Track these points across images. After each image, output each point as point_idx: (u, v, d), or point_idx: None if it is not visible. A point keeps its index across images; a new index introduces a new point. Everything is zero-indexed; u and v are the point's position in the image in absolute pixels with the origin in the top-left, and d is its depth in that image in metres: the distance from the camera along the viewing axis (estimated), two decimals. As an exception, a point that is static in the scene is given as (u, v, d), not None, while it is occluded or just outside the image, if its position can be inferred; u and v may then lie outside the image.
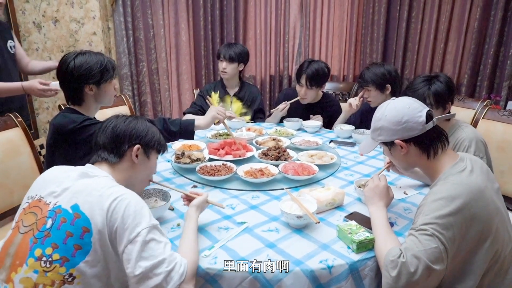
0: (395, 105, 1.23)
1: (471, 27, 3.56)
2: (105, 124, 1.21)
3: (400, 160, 1.29)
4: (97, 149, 1.20)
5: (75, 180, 1.06)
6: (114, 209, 0.98)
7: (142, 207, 1.02)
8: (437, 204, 1.09)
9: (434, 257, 1.03)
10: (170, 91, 3.79)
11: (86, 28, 3.21)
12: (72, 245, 0.96)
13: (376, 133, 1.28)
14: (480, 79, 3.65)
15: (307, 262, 1.12)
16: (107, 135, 1.18)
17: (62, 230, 0.97)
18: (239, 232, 1.28)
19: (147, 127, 1.24)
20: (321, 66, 2.52)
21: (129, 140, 1.18)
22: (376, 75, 2.30)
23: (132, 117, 1.24)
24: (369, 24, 3.85)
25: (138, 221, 0.98)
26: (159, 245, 0.99)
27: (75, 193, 1.02)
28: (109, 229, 0.97)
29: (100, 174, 1.11)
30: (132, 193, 1.05)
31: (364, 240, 1.17)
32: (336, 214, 1.41)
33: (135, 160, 1.19)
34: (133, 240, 0.96)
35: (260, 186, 1.63)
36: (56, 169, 1.16)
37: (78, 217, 0.98)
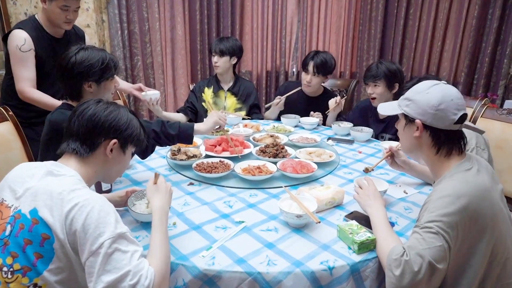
0: (442, 89, 1.15)
1: (468, 25, 3.54)
2: (82, 109, 1.08)
3: (408, 140, 1.24)
4: (68, 136, 1.09)
5: (38, 179, 0.98)
6: (74, 217, 0.89)
7: (106, 213, 0.91)
8: (443, 202, 1.07)
9: (439, 256, 1.01)
10: (165, 86, 3.73)
11: (79, 20, 3.11)
12: (32, 254, 0.88)
13: (405, 102, 1.21)
14: (477, 78, 3.65)
15: (308, 263, 1.09)
16: (82, 123, 1.06)
17: (20, 237, 0.89)
18: (237, 231, 1.25)
19: (129, 119, 1.12)
20: (329, 56, 2.56)
21: (106, 132, 1.08)
22: (389, 70, 2.23)
23: (114, 106, 1.12)
24: (367, 21, 3.81)
25: (101, 230, 0.88)
26: (124, 256, 0.89)
27: (36, 195, 0.94)
28: (69, 238, 0.89)
29: (67, 173, 1.01)
30: (98, 197, 0.95)
31: (365, 241, 1.14)
32: (336, 213, 1.38)
33: (109, 155, 1.09)
34: (95, 252, 0.87)
35: (258, 184, 1.59)
36: (22, 167, 1.07)
37: (37, 223, 0.89)
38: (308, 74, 2.55)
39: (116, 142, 1.09)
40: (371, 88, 2.29)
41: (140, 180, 1.64)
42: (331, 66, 2.56)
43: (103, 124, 1.07)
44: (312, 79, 2.54)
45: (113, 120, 1.08)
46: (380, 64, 2.25)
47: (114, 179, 1.24)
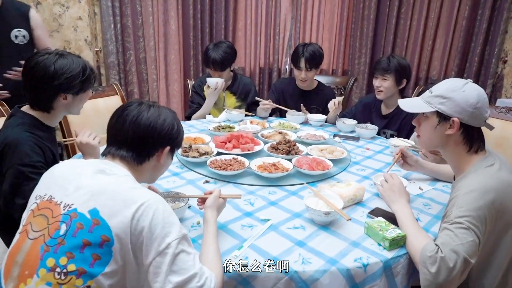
0: (475, 87, 1.16)
1: (459, 25, 3.64)
2: (133, 115, 1.02)
3: (436, 137, 1.22)
4: (117, 142, 1.03)
5: (90, 177, 0.94)
6: (140, 217, 0.86)
7: (170, 213, 0.91)
8: (471, 196, 1.08)
9: (471, 251, 1.03)
10: (158, 82, 3.65)
11: (71, 12, 3.02)
12: (91, 255, 0.84)
13: (438, 99, 1.18)
14: (466, 77, 3.75)
15: (342, 261, 1.08)
16: (137, 132, 1.02)
17: (78, 237, 0.85)
18: (265, 230, 1.23)
19: (177, 124, 1.10)
20: (316, 47, 2.56)
21: (162, 142, 1.06)
22: (401, 65, 2.22)
23: (161, 110, 1.07)
24: (359, 19, 3.85)
25: (168, 230, 0.87)
26: (189, 257, 0.89)
27: (93, 195, 0.89)
28: (133, 238, 0.86)
29: (119, 172, 0.98)
30: (158, 197, 0.93)
31: (396, 237, 1.14)
32: (358, 210, 1.38)
33: (162, 161, 1.08)
34: (163, 252, 0.86)
35: (275, 181, 1.58)
36: (66, 164, 1.03)
37: (98, 223, 0.85)
38: (301, 71, 2.53)
39: (168, 149, 1.08)
40: (379, 81, 2.26)
41: (152, 178, 1.59)
42: (320, 57, 2.56)
43: (160, 134, 1.04)
44: (307, 74, 2.54)
45: (169, 129, 1.06)
46: (392, 58, 2.24)
47: (155, 181, 1.22)
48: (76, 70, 1.36)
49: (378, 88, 2.28)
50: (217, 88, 2.45)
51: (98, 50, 3.28)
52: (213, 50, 2.52)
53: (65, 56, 1.37)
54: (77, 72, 1.36)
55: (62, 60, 1.35)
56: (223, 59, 2.51)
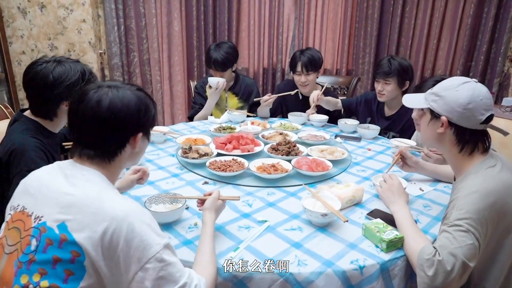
0: (472, 87, 1.13)
1: (464, 24, 3.59)
2: (91, 106, 0.89)
3: (430, 135, 1.22)
4: (81, 140, 0.93)
5: (60, 185, 0.88)
6: (113, 233, 0.80)
7: (148, 224, 0.84)
8: (471, 198, 1.06)
9: (470, 254, 1.01)
10: (161, 83, 3.67)
11: (75, 14, 3.05)
12: (63, 271, 0.81)
13: (433, 97, 1.18)
14: (472, 76, 3.70)
15: (338, 263, 1.08)
16: (97, 127, 0.90)
17: (48, 253, 0.81)
18: (262, 231, 1.23)
19: (144, 103, 0.96)
20: (314, 51, 2.54)
21: (130, 130, 0.94)
22: (402, 67, 2.16)
23: (123, 91, 0.93)
24: (363, 18, 3.83)
25: (147, 243, 0.82)
26: (176, 267, 0.85)
27: (62, 207, 0.84)
28: (107, 254, 0.81)
29: (92, 178, 0.90)
30: (134, 207, 0.86)
31: (394, 239, 1.13)
32: (357, 212, 1.37)
33: (137, 149, 0.98)
34: (143, 267, 0.81)
35: (274, 182, 1.57)
36: (38, 171, 0.98)
37: (66, 239, 0.81)
38: (300, 75, 2.51)
39: (141, 135, 0.98)
40: (381, 85, 2.20)
41: (153, 179, 1.59)
42: (319, 60, 2.52)
43: (126, 123, 0.93)
44: (306, 78, 2.51)
45: (135, 114, 0.93)
46: (393, 60, 2.17)
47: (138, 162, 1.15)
48: (75, 76, 1.34)
49: (380, 92, 2.23)
50: (218, 87, 2.46)
51: (102, 52, 3.31)
52: (214, 50, 2.53)
53: (63, 63, 1.34)
54: (76, 78, 1.34)
55: (60, 67, 1.33)
56: (225, 59, 2.51)
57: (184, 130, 2.31)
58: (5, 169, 1.33)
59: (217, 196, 1.21)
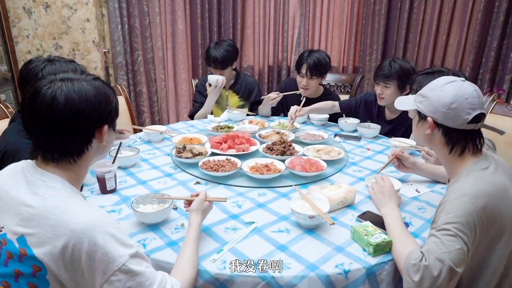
0: (457, 86, 1.10)
1: (474, 19, 3.49)
2: (45, 103, 0.82)
3: (420, 136, 1.21)
4: (39, 139, 0.88)
5: (22, 193, 0.84)
6: (74, 246, 0.77)
7: (111, 235, 0.80)
8: (460, 202, 1.03)
9: (458, 259, 0.98)
10: (166, 81, 3.68)
11: (79, 14, 3.07)
12: (26, 284, 0.79)
13: (419, 98, 1.17)
14: (482, 72, 3.60)
15: (322, 267, 1.05)
16: (54, 124, 0.83)
17: (10, 267, 0.80)
18: (248, 233, 1.21)
19: (103, 92, 0.90)
20: (322, 55, 2.44)
21: (93, 125, 0.89)
22: (403, 70, 2.05)
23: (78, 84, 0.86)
24: (370, 14, 3.76)
25: (111, 256, 0.78)
26: (145, 276, 0.82)
27: (22, 220, 0.80)
28: (69, 267, 0.79)
29: (52, 185, 0.85)
30: (96, 217, 0.81)
31: (381, 243, 1.10)
32: (348, 214, 1.34)
33: (104, 142, 0.93)
34: (108, 280, 0.78)
35: (267, 182, 1.55)
36: (3, 172, 0.94)
37: (25, 254, 0.78)
38: (303, 78, 2.45)
39: (107, 128, 0.92)
40: (380, 88, 2.12)
41: (145, 178, 1.59)
42: (326, 66, 2.44)
43: (89, 118, 0.87)
44: (309, 82, 2.45)
45: (95, 107, 0.87)
46: (394, 62, 2.07)
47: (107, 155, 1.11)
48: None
49: (379, 95, 2.15)
50: (217, 85, 2.44)
51: (106, 51, 3.33)
52: (214, 48, 2.51)
53: (54, 62, 1.34)
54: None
55: (50, 66, 1.32)
56: (224, 57, 2.49)
57: (182, 129, 2.31)
58: None
59: (204, 198, 1.20)
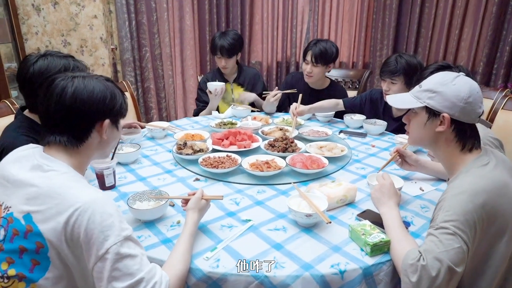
0: (467, 81, 1.08)
1: (488, 13, 3.39)
2: (56, 93, 0.92)
3: (425, 134, 1.14)
4: (49, 127, 0.95)
5: (28, 176, 0.90)
6: (74, 223, 0.82)
7: (109, 215, 0.85)
8: (459, 199, 1.00)
9: (457, 259, 0.94)
10: (174, 78, 3.69)
11: (86, 10, 3.09)
12: (30, 260, 0.84)
13: (427, 94, 1.10)
14: (496, 67, 3.50)
15: (317, 266, 1.03)
16: (63, 110, 0.92)
17: (15, 243, 0.85)
18: (244, 231, 1.19)
19: (111, 91, 0.99)
20: (329, 45, 2.45)
21: (96, 115, 0.96)
22: (410, 66, 1.99)
23: (89, 80, 0.96)
24: (381, 9, 3.69)
25: (106, 234, 0.83)
26: (134, 261, 0.85)
27: (28, 198, 0.86)
28: (70, 244, 0.83)
29: (58, 169, 0.91)
30: (97, 198, 0.87)
31: (379, 243, 1.07)
32: (348, 212, 1.31)
33: (104, 136, 0.99)
34: (102, 257, 0.82)
35: (266, 179, 1.53)
36: (7, 159, 0.99)
37: (31, 230, 0.84)
38: (308, 64, 2.46)
39: (108, 122, 0.99)
40: (387, 85, 2.06)
41: (145, 175, 1.59)
42: (332, 55, 2.43)
43: (91, 108, 0.94)
44: (313, 69, 2.44)
45: (99, 100, 0.95)
46: (400, 58, 2.01)
47: (109, 154, 1.15)
48: (55, 69, 1.31)
49: (386, 92, 2.09)
50: (217, 94, 2.44)
51: (114, 47, 3.35)
52: (220, 37, 2.55)
53: (47, 57, 1.34)
54: (57, 71, 1.30)
55: (42, 61, 1.32)
56: (231, 45, 2.52)
57: (186, 125, 2.30)
58: None
59: (200, 196, 1.19)
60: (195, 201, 1.16)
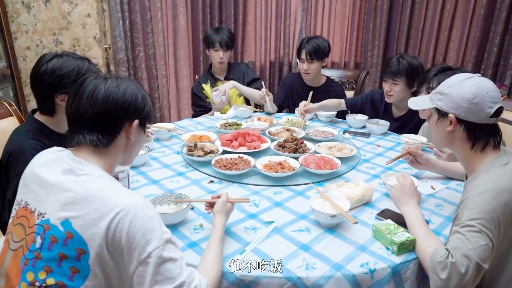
0: (476, 82, 1.11)
1: (476, 14, 3.49)
2: (89, 90, 0.91)
3: (440, 135, 1.20)
4: (79, 126, 0.93)
5: (60, 180, 0.87)
6: (116, 227, 0.81)
7: (150, 218, 0.84)
8: (483, 198, 1.03)
9: (484, 255, 0.98)
10: (167, 78, 3.64)
11: (79, 9, 3.01)
12: (69, 268, 0.81)
13: (437, 96, 1.17)
14: (484, 68, 3.61)
15: (348, 266, 1.04)
16: (96, 108, 0.90)
17: (54, 251, 0.82)
18: (269, 232, 1.19)
19: (142, 93, 0.99)
20: (320, 40, 2.54)
21: (126, 115, 0.94)
22: (411, 67, 2.05)
23: (122, 80, 0.96)
24: (372, 10, 3.74)
25: (148, 238, 0.82)
26: (175, 264, 0.84)
27: (65, 204, 0.84)
28: (111, 249, 0.82)
29: (92, 172, 0.89)
30: (136, 201, 0.86)
31: (405, 241, 1.10)
32: (367, 211, 1.33)
33: (132, 138, 0.97)
34: (144, 261, 0.81)
35: (281, 180, 1.54)
36: (35, 163, 0.96)
37: (71, 236, 0.81)
38: (303, 63, 2.53)
39: (137, 123, 0.97)
40: (389, 85, 2.11)
41: (157, 178, 1.57)
42: (325, 49, 2.52)
43: (122, 106, 0.93)
44: (309, 66, 2.52)
45: (132, 99, 0.94)
46: (402, 59, 2.07)
47: (134, 160, 1.13)
48: (68, 68, 1.29)
49: (388, 93, 2.13)
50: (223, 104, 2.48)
51: (107, 47, 3.28)
52: (216, 31, 2.62)
53: (62, 56, 1.32)
54: (69, 70, 1.29)
55: (56, 60, 1.30)
56: (229, 39, 2.60)
57: (189, 127, 2.28)
58: (5, 172, 1.31)
59: (226, 199, 1.19)
60: (222, 204, 1.16)
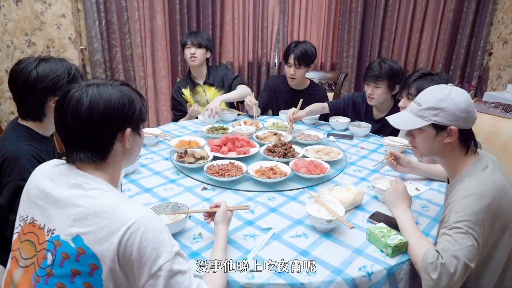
0: (461, 92, 1.16)
1: (445, 18, 3.66)
2: (72, 106, 0.87)
3: (435, 147, 1.21)
4: (70, 145, 0.91)
5: (67, 196, 0.87)
6: (127, 241, 0.81)
7: (160, 231, 0.84)
8: (468, 201, 1.10)
9: (471, 255, 1.05)
10: (145, 79, 3.58)
11: (53, 9, 2.91)
12: (82, 283, 0.81)
13: (431, 112, 1.16)
14: (453, 69, 3.79)
15: (347, 270, 1.09)
16: (82, 127, 0.87)
17: (66, 267, 0.82)
18: (267, 239, 1.22)
19: (128, 97, 0.93)
20: (308, 46, 2.58)
21: (116, 126, 0.91)
22: (392, 71, 2.13)
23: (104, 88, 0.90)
24: (347, 11, 3.84)
25: (159, 251, 0.82)
26: (184, 277, 0.85)
27: (75, 220, 0.83)
28: (122, 262, 0.82)
29: (99, 187, 0.88)
30: (146, 214, 0.85)
31: (399, 244, 1.16)
32: (358, 215, 1.39)
33: (127, 146, 0.95)
34: (155, 274, 0.82)
35: (274, 186, 1.57)
36: (39, 176, 0.95)
37: (83, 252, 0.81)
38: (290, 67, 2.56)
39: (130, 131, 0.94)
40: (371, 89, 2.18)
41: (149, 186, 1.56)
42: (312, 56, 2.57)
43: (110, 119, 0.89)
44: (296, 71, 2.56)
45: (118, 109, 0.90)
46: (383, 63, 2.15)
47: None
48: (60, 70, 1.29)
49: (370, 95, 2.21)
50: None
51: (83, 48, 3.19)
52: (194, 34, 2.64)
53: (48, 60, 1.31)
54: (61, 72, 1.29)
55: (44, 64, 1.29)
56: (203, 38, 2.62)
57: (175, 131, 2.27)
58: None
59: (226, 208, 1.20)
60: (223, 214, 1.17)
